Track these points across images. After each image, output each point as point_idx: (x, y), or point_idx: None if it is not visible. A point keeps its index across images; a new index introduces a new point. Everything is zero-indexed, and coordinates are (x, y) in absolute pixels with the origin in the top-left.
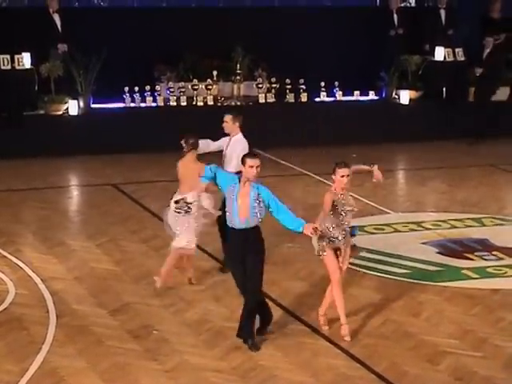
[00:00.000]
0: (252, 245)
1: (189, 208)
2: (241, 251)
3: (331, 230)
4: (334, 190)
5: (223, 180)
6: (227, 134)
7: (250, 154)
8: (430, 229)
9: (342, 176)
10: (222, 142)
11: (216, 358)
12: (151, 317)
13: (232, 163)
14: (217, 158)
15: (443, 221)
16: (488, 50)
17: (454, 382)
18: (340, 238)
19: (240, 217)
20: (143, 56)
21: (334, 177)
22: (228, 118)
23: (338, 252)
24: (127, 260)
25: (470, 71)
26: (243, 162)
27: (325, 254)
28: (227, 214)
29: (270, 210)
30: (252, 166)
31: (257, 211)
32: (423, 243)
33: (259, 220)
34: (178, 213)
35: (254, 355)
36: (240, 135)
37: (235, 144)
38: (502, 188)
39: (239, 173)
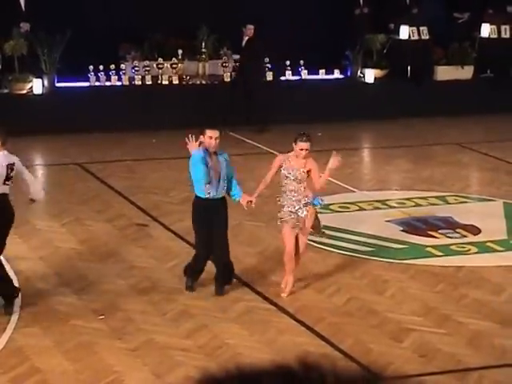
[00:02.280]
0: (223, 213)
1: None
2: (211, 219)
3: (287, 201)
4: (287, 157)
5: (194, 161)
6: None
7: (211, 126)
8: (395, 207)
9: (301, 149)
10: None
11: (182, 337)
12: (116, 296)
13: None
14: None
15: (407, 199)
16: (246, 38)
17: (417, 359)
18: (299, 210)
19: (218, 185)
20: (108, 35)
21: (294, 145)
22: None
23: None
24: (92, 239)
25: (435, 50)
26: (203, 133)
27: (281, 225)
28: (205, 186)
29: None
30: (211, 137)
31: (225, 180)
32: (388, 221)
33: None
34: None
35: (219, 334)
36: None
37: None
38: (466, 166)
39: None
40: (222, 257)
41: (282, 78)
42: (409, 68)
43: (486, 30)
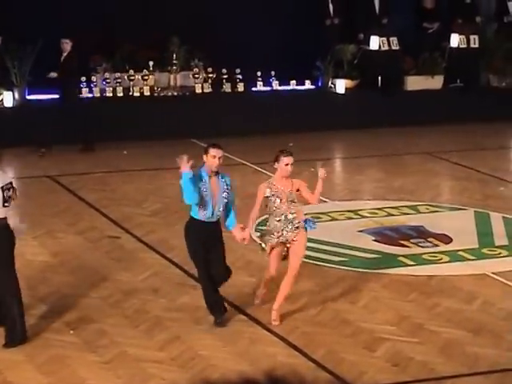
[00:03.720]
0: (218, 235)
1: None
2: (208, 242)
3: (272, 226)
4: (270, 182)
5: (193, 181)
6: None
7: (214, 144)
8: (367, 217)
9: (287, 164)
10: None
11: (155, 349)
12: (89, 309)
13: None
14: None
15: (379, 208)
16: (65, 54)
17: (390, 368)
18: (285, 232)
19: (213, 209)
20: (79, 46)
21: (276, 165)
22: None
23: (287, 244)
24: (64, 252)
25: (405, 60)
26: (206, 151)
27: (266, 251)
28: (199, 208)
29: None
30: (215, 156)
31: (223, 203)
32: (360, 231)
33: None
34: None
35: (192, 345)
36: None
37: None
38: (437, 176)
39: None
40: (220, 278)
41: (254, 89)
42: (379, 78)
43: (455, 39)
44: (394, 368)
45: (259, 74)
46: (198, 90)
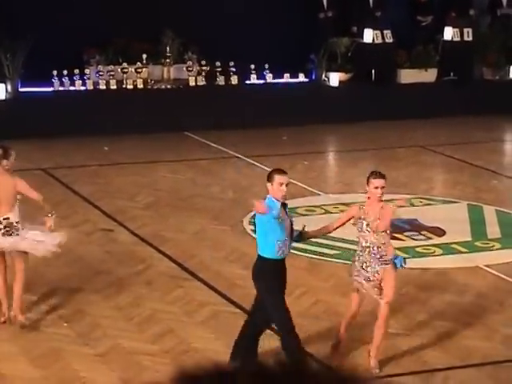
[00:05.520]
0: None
1: (15, 229)
2: (284, 282)
3: (358, 258)
4: (360, 207)
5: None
6: None
7: (279, 170)
8: None
9: (376, 187)
10: None
11: (148, 342)
12: (83, 301)
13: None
14: None
15: None
16: None
17: (384, 360)
18: (368, 268)
19: (286, 244)
20: (72, 39)
21: (367, 188)
22: None
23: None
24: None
25: (399, 53)
26: (271, 179)
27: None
28: (278, 244)
29: None
30: (282, 184)
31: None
32: (353, 224)
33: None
34: (9, 235)
35: (186, 338)
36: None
37: None
38: (431, 168)
39: None
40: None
41: (247, 82)
42: (373, 71)
43: (448, 33)
44: (388, 360)
45: (253, 66)
46: (192, 83)
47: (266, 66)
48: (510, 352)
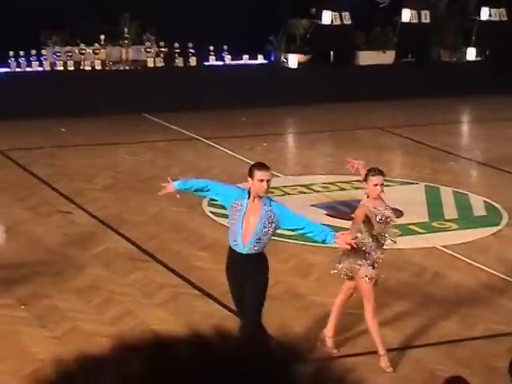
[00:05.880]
0: (252, 272)
1: None
2: (240, 276)
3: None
4: (365, 204)
5: (224, 194)
6: None
7: (260, 166)
8: (319, 191)
9: (376, 185)
10: None
11: (107, 324)
12: (40, 284)
13: None
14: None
15: (332, 183)
16: None
17: (342, 341)
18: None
19: (244, 240)
20: (29, 19)
21: (366, 185)
22: None
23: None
24: (15, 227)
25: (357, 35)
26: (251, 174)
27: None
28: (230, 232)
29: (291, 228)
30: (262, 180)
31: (264, 235)
32: (312, 205)
33: (264, 245)
34: None
35: (145, 320)
36: None
37: None
38: (389, 150)
39: None
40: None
41: (206, 64)
42: (331, 53)
43: (406, 15)
44: (346, 340)
45: (212, 48)
46: (150, 64)
47: (225, 47)
48: (466, 331)
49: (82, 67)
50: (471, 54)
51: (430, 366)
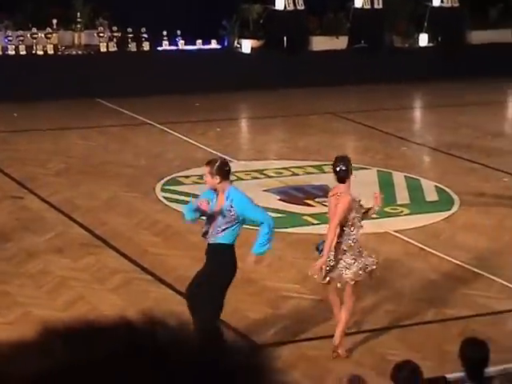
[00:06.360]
0: (210, 263)
1: None
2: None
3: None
4: (348, 192)
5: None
6: None
7: (208, 161)
8: (272, 176)
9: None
10: None
11: (59, 309)
12: None
13: None
14: None
15: (285, 168)
16: None
17: (294, 325)
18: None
19: (211, 229)
20: None
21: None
22: None
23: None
24: None
25: (310, 20)
26: None
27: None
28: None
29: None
30: (204, 175)
31: (224, 224)
32: (265, 190)
33: (222, 235)
34: None
35: (97, 305)
36: None
37: None
38: (341, 135)
39: None
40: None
41: (159, 49)
42: (285, 38)
43: (359, 0)
44: (297, 325)
45: (165, 33)
46: (103, 49)
47: (178, 32)
48: (417, 315)
49: (34, 52)
50: (423, 39)
51: (382, 351)
